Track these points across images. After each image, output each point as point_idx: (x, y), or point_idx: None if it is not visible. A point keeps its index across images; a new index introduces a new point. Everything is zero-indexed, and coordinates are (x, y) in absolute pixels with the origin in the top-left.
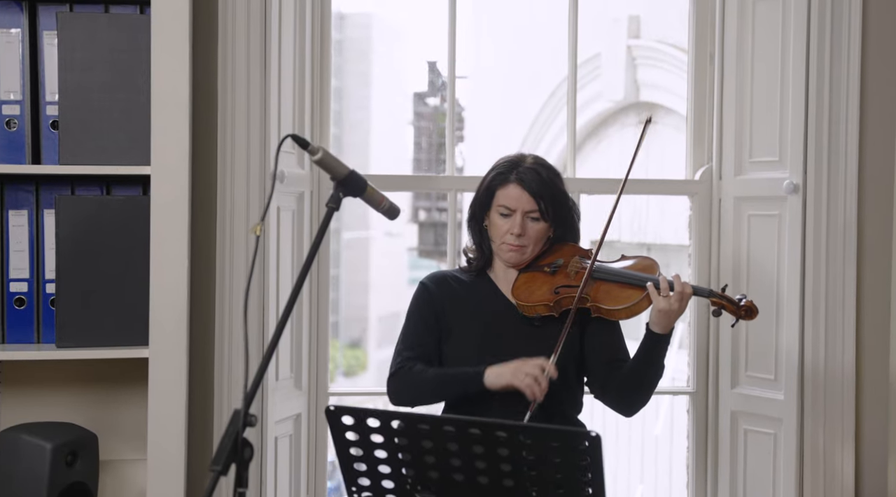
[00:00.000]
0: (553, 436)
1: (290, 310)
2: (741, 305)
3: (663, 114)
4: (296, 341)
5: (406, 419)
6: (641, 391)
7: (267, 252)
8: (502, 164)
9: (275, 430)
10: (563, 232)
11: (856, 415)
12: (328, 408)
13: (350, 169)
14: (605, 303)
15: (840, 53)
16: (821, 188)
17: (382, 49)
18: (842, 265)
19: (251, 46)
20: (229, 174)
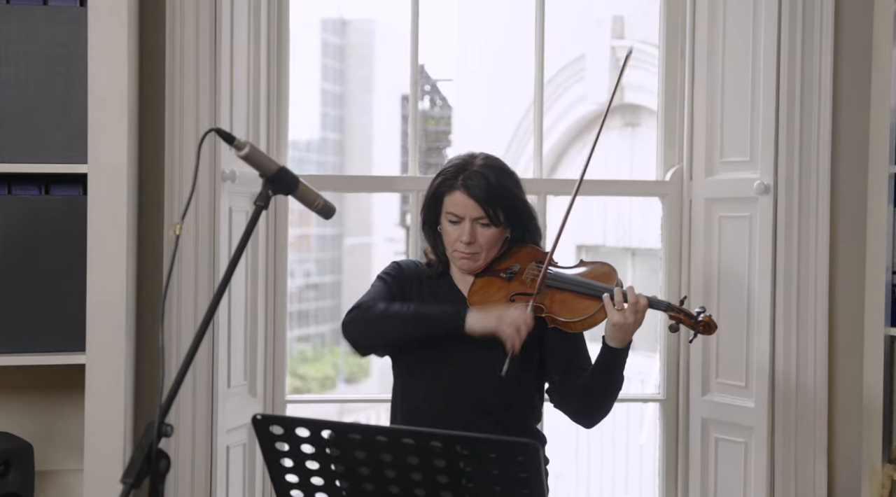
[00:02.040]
0: (490, 446)
1: (211, 315)
2: (699, 320)
3: (648, 116)
4: (250, 348)
5: (337, 428)
6: (600, 404)
7: (217, 255)
8: (449, 169)
9: (226, 438)
10: (521, 233)
11: (828, 422)
12: (255, 417)
13: (280, 165)
14: (560, 314)
15: (811, 51)
16: (792, 189)
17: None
18: (814, 268)
19: (200, 43)
20: (177, 174)
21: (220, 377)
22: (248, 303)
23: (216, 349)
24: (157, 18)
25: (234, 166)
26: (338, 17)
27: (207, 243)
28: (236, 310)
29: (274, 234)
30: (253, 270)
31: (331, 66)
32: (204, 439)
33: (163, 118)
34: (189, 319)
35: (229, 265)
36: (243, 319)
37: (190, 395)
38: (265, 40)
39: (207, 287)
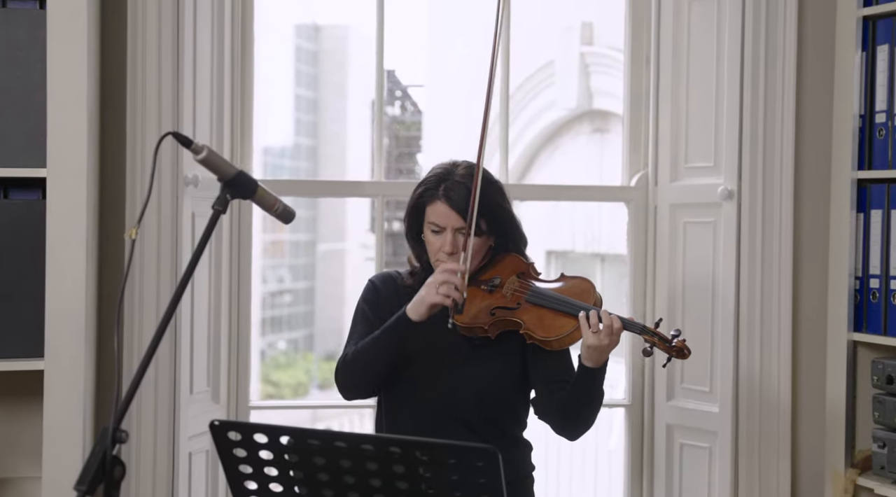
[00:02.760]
0: (449, 452)
1: (167, 320)
2: (672, 345)
3: (617, 122)
4: (213, 354)
5: (295, 434)
6: (581, 418)
7: (180, 260)
8: (430, 179)
9: (188, 445)
10: (504, 241)
11: (792, 427)
12: (212, 423)
13: (238, 169)
14: (537, 332)
15: (775, 58)
16: (756, 194)
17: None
18: (777, 273)
19: (162, 46)
20: (138, 178)
21: (182, 383)
22: (212, 308)
23: (178, 355)
24: (119, 21)
25: (196, 171)
26: (311, 23)
27: (169, 248)
28: (199, 315)
29: (238, 239)
30: (217, 276)
31: (304, 72)
32: (166, 446)
33: (124, 122)
34: (151, 325)
35: (187, 269)
36: (206, 325)
37: (152, 401)
38: (229, 45)
39: (169, 292)
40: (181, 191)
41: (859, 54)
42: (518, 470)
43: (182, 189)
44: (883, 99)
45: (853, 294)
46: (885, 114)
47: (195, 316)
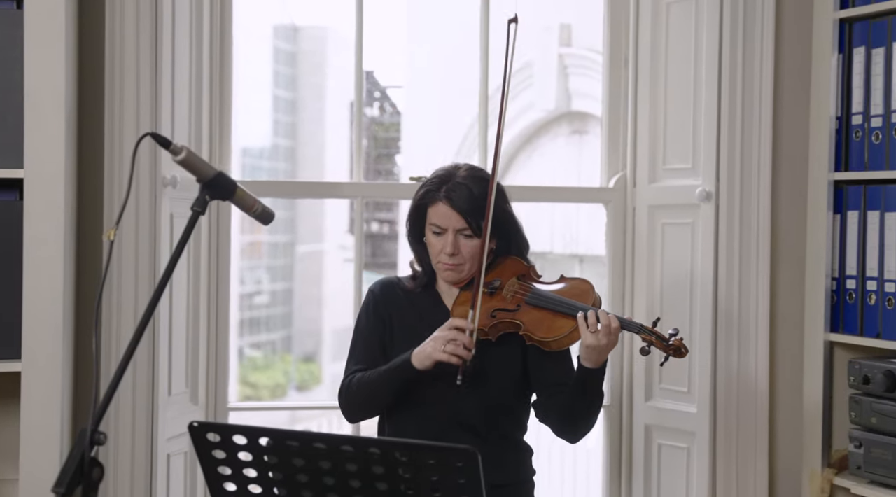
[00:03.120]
0: (429, 453)
1: (146, 322)
2: (670, 344)
3: (595, 123)
4: (192, 355)
5: (274, 435)
6: (581, 421)
7: (158, 261)
8: (432, 180)
9: (167, 447)
10: (506, 244)
11: (769, 426)
12: (191, 424)
13: (217, 170)
14: (536, 332)
15: (752, 60)
16: (733, 196)
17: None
18: (755, 274)
19: (140, 47)
20: (116, 179)
21: (160, 385)
22: (190, 310)
23: (157, 356)
24: (97, 21)
25: (175, 172)
26: (290, 24)
27: (148, 249)
28: (178, 316)
29: (217, 240)
30: (195, 277)
31: (283, 73)
32: (144, 448)
33: (102, 123)
34: (129, 326)
35: (166, 271)
36: (185, 326)
37: (130, 402)
38: (207, 45)
39: (148, 294)
40: (159, 192)
41: (836, 56)
42: (519, 473)
43: (160, 190)
44: (859, 101)
45: (830, 295)
46: (862, 116)
47: (174, 317)
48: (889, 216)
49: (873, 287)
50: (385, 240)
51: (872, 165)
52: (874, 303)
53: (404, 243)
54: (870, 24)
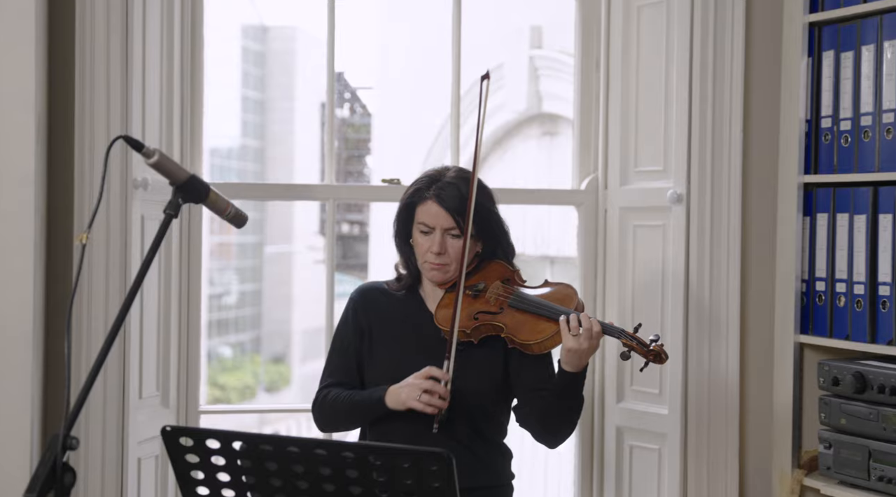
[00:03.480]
0: (403, 456)
1: (118, 326)
2: (650, 349)
3: (566, 125)
4: (163, 358)
5: (248, 440)
6: (561, 425)
7: (129, 264)
8: (422, 179)
9: (138, 450)
10: (493, 247)
11: (740, 428)
12: (164, 428)
13: (190, 173)
14: (518, 335)
15: (723, 63)
16: (704, 198)
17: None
18: (725, 276)
19: (111, 49)
20: (87, 182)
21: (131, 388)
22: (161, 312)
23: (127, 359)
24: (67, 23)
25: (146, 174)
26: (259, 24)
27: (119, 252)
28: (148, 319)
29: (188, 242)
30: (166, 279)
31: (252, 73)
32: (114, 451)
33: (73, 125)
34: (100, 330)
35: (138, 275)
36: (156, 329)
37: (100, 406)
38: (178, 47)
39: (119, 297)
40: (130, 194)
41: (805, 60)
42: (499, 477)
43: (131, 192)
44: (829, 104)
45: (800, 297)
46: (831, 119)
47: (144, 320)
48: (858, 219)
49: (843, 289)
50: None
51: (842, 168)
52: (843, 305)
53: (375, 245)
54: (839, 29)
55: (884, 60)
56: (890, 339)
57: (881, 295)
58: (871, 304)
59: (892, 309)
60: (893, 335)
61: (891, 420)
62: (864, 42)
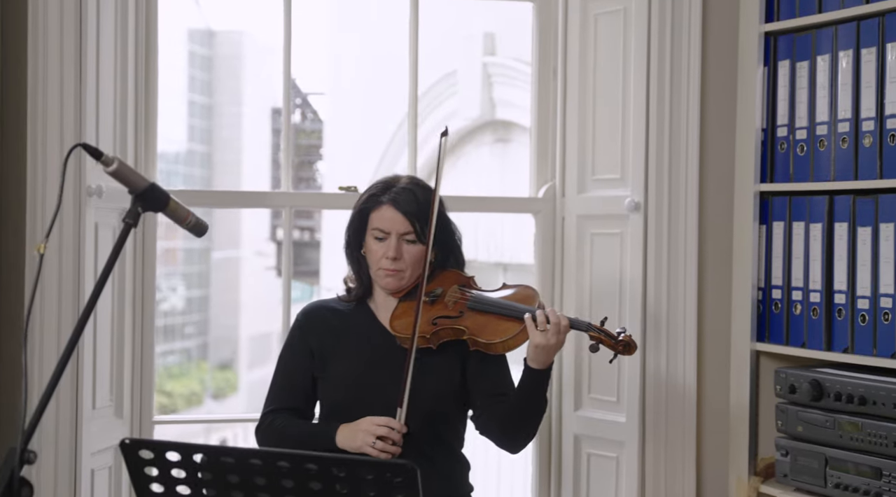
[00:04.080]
0: (367, 468)
1: (78, 335)
2: (619, 340)
3: (519, 132)
4: (117, 367)
5: (209, 452)
6: (524, 428)
7: (83, 272)
8: (376, 185)
9: (91, 462)
10: (445, 256)
11: (697, 436)
12: (123, 441)
13: (150, 182)
14: (481, 335)
15: (680, 72)
16: (661, 206)
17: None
18: (682, 284)
19: (64, 54)
20: (40, 190)
21: (84, 398)
22: (115, 320)
23: (81, 369)
24: (19, 28)
25: (100, 181)
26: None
27: (72, 260)
28: (102, 328)
29: (142, 249)
30: (119, 286)
31: (198, 78)
32: (67, 463)
33: (24, 132)
34: (52, 340)
35: (97, 285)
36: (109, 338)
37: (53, 417)
38: (132, 52)
39: (72, 306)
40: (84, 202)
41: (761, 69)
42: (460, 487)
43: (85, 200)
44: (784, 113)
45: (756, 305)
46: (787, 128)
47: (98, 329)
48: (814, 227)
49: (799, 297)
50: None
51: (798, 177)
52: (799, 313)
53: (327, 252)
54: (794, 39)
55: (839, 70)
56: (846, 346)
57: (837, 303)
58: (827, 312)
59: (847, 317)
60: (849, 343)
61: (847, 428)
62: (819, 52)
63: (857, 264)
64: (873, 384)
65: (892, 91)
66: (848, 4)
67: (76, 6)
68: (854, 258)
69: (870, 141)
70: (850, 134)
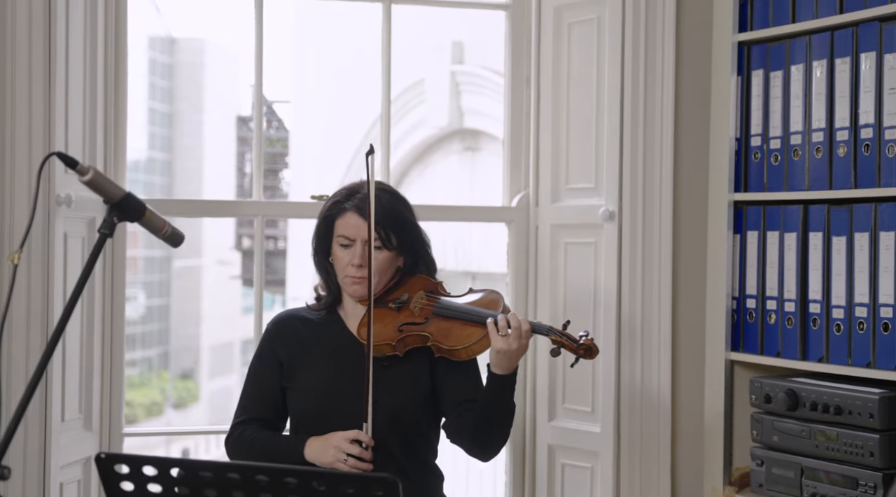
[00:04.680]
0: (348, 482)
1: (52, 347)
2: (580, 344)
3: (487, 141)
4: (86, 379)
5: (186, 466)
6: (493, 435)
7: (52, 283)
8: (340, 192)
9: (60, 475)
10: (414, 261)
11: (672, 446)
12: (99, 455)
13: (126, 191)
14: (444, 342)
15: (654, 81)
16: (636, 216)
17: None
18: (657, 294)
19: (33, 61)
20: (8, 199)
21: (53, 411)
22: (84, 332)
23: (50, 381)
24: None
25: (69, 190)
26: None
27: (41, 271)
28: (71, 340)
29: (111, 258)
30: (89, 296)
31: (159, 85)
32: (36, 477)
33: None
34: (21, 352)
35: (71, 297)
36: (78, 349)
37: (21, 430)
38: (102, 59)
39: (41, 317)
40: (53, 211)
41: (735, 79)
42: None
43: (54, 209)
44: (758, 122)
45: (730, 314)
46: (761, 137)
47: (67, 340)
48: (788, 237)
49: (773, 307)
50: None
51: (772, 186)
52: (774, 322)
53: (294, 261)
54: (768, 48)
55: (813, 80)
56: (821, 356)
57: (812, 312)
58: (802, 321)
59: (822, 326)
60: (824, 352)
61: (823, 437)
62: (793, 62)
63: (831, 274)
64: (849, 394)
65: (866, 101)
66: (822, 14)
67: (44, 13)
68: (829, 268)
69: (844, 151)
70: (824, 143)
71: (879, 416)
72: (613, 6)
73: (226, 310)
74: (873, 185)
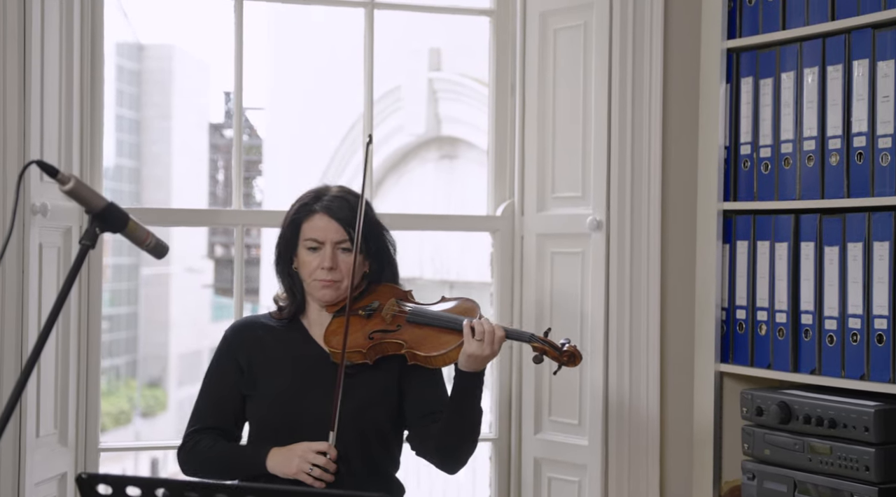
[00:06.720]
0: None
1: (33, 361)
2: (563, 351)
3: (465, 148)
4: (61, 393)
5: (171, 486)
6: (462, 442)
7: (26, 295)
8: (307, 195)
9: (34, 493)
10: (380, 267)
11: (660, 458)
12: (80, 476)
13: (108, 201)
14: (420, 349)
15: (641, 89)
16: (624, 225)
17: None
18: (645, 305)
19: (7, 67)
20: None
21: (28, 426)
22: (60, 344)
23: (24, 396)
24: None
25: (45, 199)
26: (134, 42)
27: (15, 282)
28: (46, 354)
29: (87, 268)
30: (65, 309)
31: (126, 92)
32: (9, 494)
33: None
34: None
35: (53, 310)
36: (54, 363)
37: None
38: (77, 66)
39: (14, 329)
40: (28, 220)
41: (724, 86)
42: None
43: (29, 218)
44: (747, 130)
45: (720, 325)
46: (750, 145)
47: (42, 354)
48: (779, 246)
49: (763, 317)
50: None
51: (762, 195)
52: (765, 333)
53: (266, 268)
54: (757, 55)
55: (804, 87)
56: (813, 368)
57: (804, 323)
58: (794, 332)
59: (814, 337)
60: (817, 364)
61: (817, 451)
62: (783, 69)
63: (824, 284)
64: (844, 406)
65: (859, 109)
66: (813, 21)
67: (19, 20)
68: (821, 278)
69: (836, 159)
70: (816, 152)
71: (875, 430)
72: (600, 12)
73: (195, 318)
74: (867, 195)
